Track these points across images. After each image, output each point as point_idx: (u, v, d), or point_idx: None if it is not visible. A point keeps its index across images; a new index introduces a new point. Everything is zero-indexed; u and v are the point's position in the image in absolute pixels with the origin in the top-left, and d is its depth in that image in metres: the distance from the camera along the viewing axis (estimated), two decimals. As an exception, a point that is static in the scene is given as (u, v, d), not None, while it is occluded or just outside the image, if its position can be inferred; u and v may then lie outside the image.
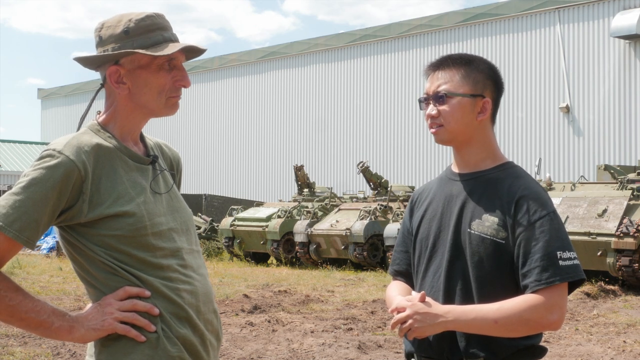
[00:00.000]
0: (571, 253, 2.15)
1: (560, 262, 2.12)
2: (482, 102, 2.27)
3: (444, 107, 2.25)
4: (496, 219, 2.19)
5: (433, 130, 2.28)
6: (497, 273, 2.18)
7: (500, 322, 2.11)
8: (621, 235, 12.05)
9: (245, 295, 11.21)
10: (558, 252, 2.13)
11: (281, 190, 29.57)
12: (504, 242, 2.18)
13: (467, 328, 2.14)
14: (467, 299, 2.20)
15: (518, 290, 2.17)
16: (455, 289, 2.22)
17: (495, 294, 2.17)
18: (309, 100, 30.50)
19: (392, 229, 15.11)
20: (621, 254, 12.08)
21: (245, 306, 10.19)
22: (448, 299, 2.22)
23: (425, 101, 2.30)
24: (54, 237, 19.55)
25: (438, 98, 2.25)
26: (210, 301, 2.20)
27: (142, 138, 2.25)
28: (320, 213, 17.74)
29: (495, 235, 2.18)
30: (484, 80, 2.28)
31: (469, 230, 2.22)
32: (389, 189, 18.07)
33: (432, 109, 2.26)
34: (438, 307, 2.16)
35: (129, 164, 2.15)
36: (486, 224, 2.20)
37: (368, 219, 16.39)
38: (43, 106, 44.21)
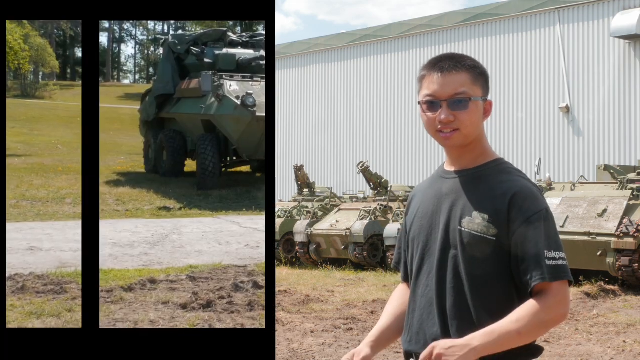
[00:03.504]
0: (562, 253, 2.18)
1: (548, 262, 2.14)
2: (486, 104, 2.29)
3: (463, 111, 2.21)
4: (486, 216, 2.18)
5: (446, 134, 2.23)
6: (488, 270, 2.18)
7: (523, 332, 2.11)
8: (621, 235, 12.04)
9: (245, 295, 11.19)
10: (546, 251, 2.15)
11: (281, 190, 29.57)
12: (494, 239, 2.17)
13: (495, 348, 2.11)
14: (460, 296, 2.20)
15: (510, 287, 2.18)
16: (448, 287, 2.22)
17: (488, 290, 2.18)
18: (309, 100, 30.50)
19: (392, 229, 15.10)
20: (621, 254, 12.07)
21: (245, 306, 10.18)
22: (441, 297, 2.23)
23: (431, 104, 2.24)
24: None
25: (458, 102, 2.21)
26: None
27: None
28: (320, 213, 17.72)
29: (485, 233, 2.17)
30: (487, 82, 2.30)
31: (459, 227, 2.21)
32: (389, 189, 18.05)
33: (448, 114, 2.21)
34: (458, 340, 2.13)
35: None
36: (476, 221, 2.19)
37: (368, 219, 16.38)
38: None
